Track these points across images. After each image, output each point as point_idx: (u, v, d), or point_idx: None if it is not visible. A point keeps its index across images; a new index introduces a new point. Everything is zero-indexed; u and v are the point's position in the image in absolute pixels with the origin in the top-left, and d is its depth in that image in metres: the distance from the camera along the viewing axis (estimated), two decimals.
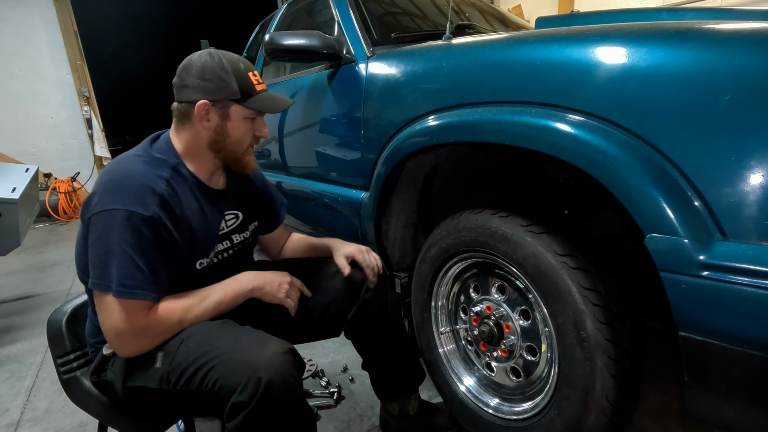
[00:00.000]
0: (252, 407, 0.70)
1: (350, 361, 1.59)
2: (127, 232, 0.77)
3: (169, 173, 0.87)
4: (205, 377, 0.74)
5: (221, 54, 0.88)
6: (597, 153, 0.71)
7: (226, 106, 0.88)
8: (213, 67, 0.86)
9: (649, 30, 0.73)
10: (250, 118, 0.92)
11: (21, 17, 4.88)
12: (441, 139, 1.03)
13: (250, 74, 0.90)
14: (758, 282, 0.55)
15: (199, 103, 0.86)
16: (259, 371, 0.70)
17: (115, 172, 0.83)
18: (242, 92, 0.88)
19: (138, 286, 0.77)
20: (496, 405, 1.09)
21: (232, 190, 1.02)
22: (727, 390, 0.61)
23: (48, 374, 1.66)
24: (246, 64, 0.91)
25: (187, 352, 0.78)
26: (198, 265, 0.91)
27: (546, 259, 0.86)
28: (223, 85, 0.86)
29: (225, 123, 0.89)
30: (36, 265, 3.19)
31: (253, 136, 0.94)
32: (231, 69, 0.87)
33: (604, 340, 0.80)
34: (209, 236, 0.94)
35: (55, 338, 0.98)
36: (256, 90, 0.91)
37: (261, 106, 0.90)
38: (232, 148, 0.92)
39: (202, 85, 0.86)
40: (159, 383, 0.80)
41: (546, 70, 0.82)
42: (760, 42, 0.60)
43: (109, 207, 0.78)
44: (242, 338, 0.78)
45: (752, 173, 0.57)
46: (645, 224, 0.66)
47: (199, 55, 0.88)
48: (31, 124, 5.05)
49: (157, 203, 0.80)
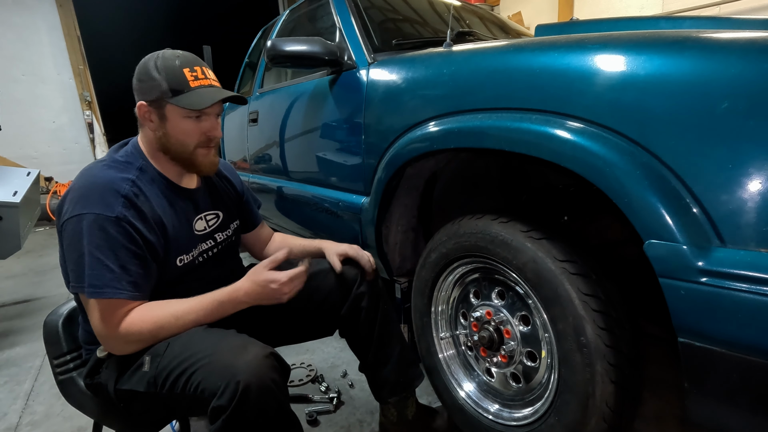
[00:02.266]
0: (230, 411, 0.70)
1: (350, 366, 1.59)
2: (94, 235, 0.79)
3: (135, 174, 0.88)
4: (188, 381, 0.75)
5: (160, 53, 0.89)
6: (596, 159, 0.72)
7: (162, 106, 0.87)
8: (146, 68, 0.87)
9: (647, 38, 0.74)
10: (192, 117, 0.89)
11: (24, 22, 4.92)
12: (442, 144, 1.04)
13: (185, 70, 0.87)
14: (756, 288, 0.55)
15: (138, 105, 0.88)
16: (238, 374, 0.70)
17: (81, 179, 0.85)
18: (172, 90, 0.86)
19: (107, 285, 0.78)
20: (496, 411, 1.09)
21: (207, 189, 1.04)
22: (726, 396, 0.61)
23: (47, 378, 1.66)
24: (184, 61, 0.89)
25: (172, 355, 0.79)
26: (178, 262, 0.92)
27: (546, 264, 0.86)
28: (153, 84, 0.86)
29: (164, 123, 0.89)
30: (36, 268, 3.19)
31: (200, 135, 0.91)
32: (163, 67, 0.86)
33: (604, 346, 0.80)
34: (185, 234, 0.94)
35: (52, 339, 0.98)
36: (190, 86, 0.87)
37: (187, 103, 0.86)
38: (176, 149, 0.91)
39: (138, 86, 0.88)
40: (147, 386, 0.81)
41: (546, 77, 0.83)
42: (757, 50, 0.61)
43: (76, 213, 0.80)
44: (224, 342, 0.79)
45: (750, 180, 0.58)
46: (644, 230, 0.67)
47: (145, 59, 0.89)
48: (33, 128, 5.07)
49: (121, 204, 0.82)
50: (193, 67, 0.89)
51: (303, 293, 1.04)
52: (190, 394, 0.75)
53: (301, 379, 1.53)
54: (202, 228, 0.99)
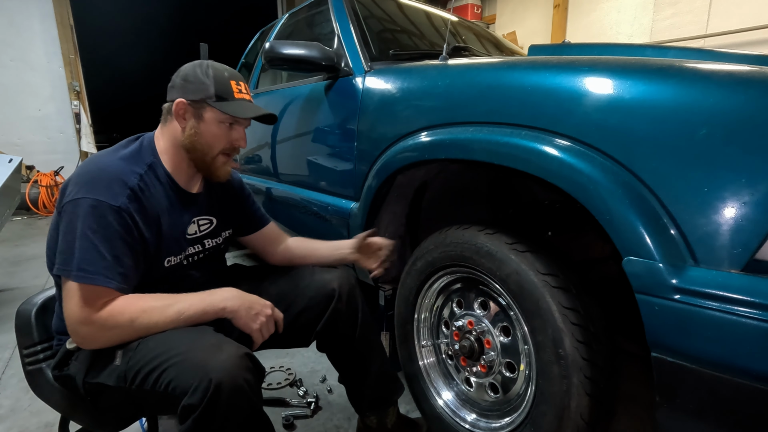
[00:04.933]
0: (201, 410, 0.69)
1: (329, 371, 1.58)
2: (93, 220, 0.79)
3: (144, 170, 0.90)
4: (159, 378, 0.74)
5: (211, 63, 0.94)
6: (581, 177, 0.74)
7: (202, 107, 0.92)
8: (197, 72, 0.93)
9: (634, 64, 0.78)
10: (226, 123, 0.94)
11: (17, 7, 4.83)
12: (433, 155, 1.06)
13: (232, 82, 0.94)
14: (725, 307, 0.58)
15: (178, 101, 0.91)
16: (210, 373, 0.70)
17: (91, 165, 0.86)
18: (218, 96, 0.91)
19: (98, 272, 0.78)
20: (473, 420, 1.10)
21: (209, 195, 1.04)
22: (695, 410, 0.63)
23: (16, 371, 1.61)
24: (232, 74, 0.96)
25: (145, 350, 0.78)
26: (166, 262, 0.93)
27: (528, 276, 0.88)
28: (201, 87, 0.91)
29: (199, 123, 0.92)
30: (11, 258, 3.10)
31: (227, 142, 0.96)
32: (213, 74, 0.92)
33: (581, 359, 0.82)
34: (177, 236, 0.95)
35: (23, 329, 0.96)
36: (234, 97, 0.94)
37: (231, 111, 0.92)
38: (203, 149, 0.94)
39: (183, 85, 0.92)
40: (116, 381, 0.80)
41: (537, 95, 0.86)
42: (735, 83, 0.65)
43: (79, 196, 0.80)
44: (199, 340, 0.78)
45: (724, 205, 0.60)
46: (623, 247, 0.69)
47: (192, 63, 0.95)
48: (18, 115, 4.96)
49: (126, 195, 0.83)
50: (239, 81, 0.96)
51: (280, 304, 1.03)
52: (161, 391, 0.74)
53: (279, 382, 1.51)
54: (193, 232, 0.99)
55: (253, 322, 0.88)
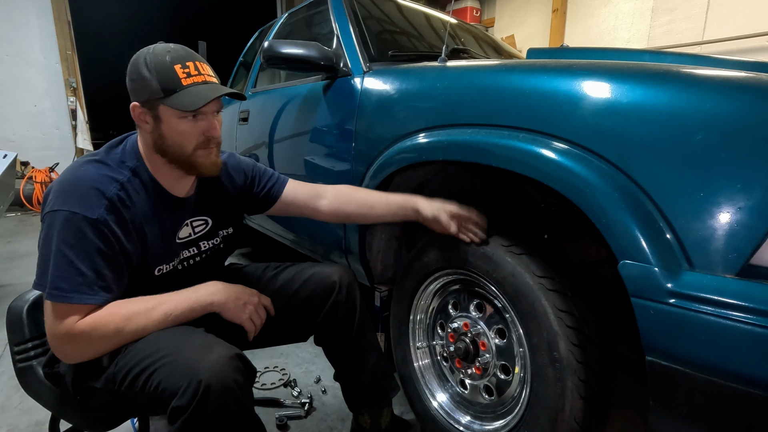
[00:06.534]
0: (190, 412, 0.68)
1: (324, 372, 1.58)
2: (69, 234, 0.75)
3: (127, 176, 0.84)
4: (149, 380, 0.73)
5: (151, 48, 0.82)
6: (578, 180, 0.74)
7: (155, 107, 0.82)
8: (137, 66, 0.81)
9: (632, 69, 0.78)
10: (188, 117, 0.83)
11: (14, 2, 4.81)
12: (430, 156, 1.06)
13: (177, 67, 0.80)
14: (719, 312, 0.58)
15: (131, 106, 0.83)
16: (200, 374, 0.68)
17: (69, 173, 0.82)
18: (164, 90, 0.80)
19: (74, 290, 0.74)
20: (468, 423, 1.10)
21: (201, 195, 0.98)
22: (688, 414, 0.63)
23: (6, 369, 1.59)
24: (175, 56, 0.82)
25: (134, 352, 0.77)
26: (156, 271, 0.89)
27: (524, 279, 0.88)
28: (144, 84, 0.80)
29: (159, 125, 0.83)
30: (4, 254, 3.07)
31: (197, 136, 0.85)
32: (153, 64, 0.80)
33: (576, 362, 0.82)
34: (168, 243, 0.90)
35: (14, 325, 0.95)
36: (182, 85, 0.80)
37: (179, 104, 0.80)
38: (174, 151, 0.85)
39: (130, 85, 0.83)
40: (105, 383, 0.78)
41: (535, 98, 0.86)
42: (731, 89, 0.65)
43: (56, 208, 0.76)
44: (188, 341, 0.76)
45: (719, 209, 0.61)
46: (619, 251, 0.69)
47: (136, 56, 0.83)
48: (13, 110, 4.92)
49: (104, 206, 0.78)
50: (185, 62, 0.82)
51: (281, 297, 1.03)
52: (150, 393, 0.72)
53: (273, 382, 1.51)
54: (186, 235, 0.95)
55: (242, 312, 0.87)
